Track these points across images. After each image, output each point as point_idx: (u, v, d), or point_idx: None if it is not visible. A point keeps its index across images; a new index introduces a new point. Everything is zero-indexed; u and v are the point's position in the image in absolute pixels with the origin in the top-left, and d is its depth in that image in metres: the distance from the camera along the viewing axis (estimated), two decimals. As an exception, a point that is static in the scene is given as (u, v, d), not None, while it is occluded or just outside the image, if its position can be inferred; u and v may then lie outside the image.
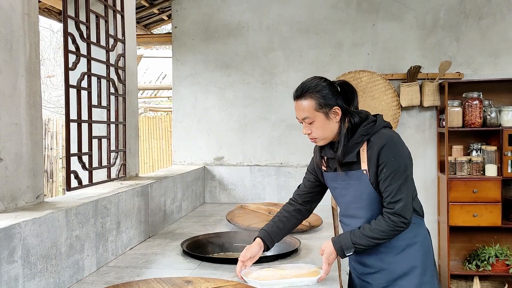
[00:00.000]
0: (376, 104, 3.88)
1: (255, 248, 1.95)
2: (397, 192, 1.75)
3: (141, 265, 2.10)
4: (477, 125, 3.65)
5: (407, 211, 1.75)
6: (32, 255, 1.56)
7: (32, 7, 1.85)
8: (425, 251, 1.87)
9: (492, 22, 3.83)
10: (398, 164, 1.76)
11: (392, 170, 1.75)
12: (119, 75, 2.59)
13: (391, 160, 1.76)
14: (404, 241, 1.84)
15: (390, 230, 1.75)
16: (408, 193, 1.77)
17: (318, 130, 1.84)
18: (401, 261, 1.84)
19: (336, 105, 1.81)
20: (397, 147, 1.78)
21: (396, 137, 1.82)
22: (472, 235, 3.84)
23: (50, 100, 11.92)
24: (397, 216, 1.75)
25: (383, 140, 1.78)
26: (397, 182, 1.75)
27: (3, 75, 1.67)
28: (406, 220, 1.75)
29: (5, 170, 1.67)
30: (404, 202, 1.75)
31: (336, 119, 1.83)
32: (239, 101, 4.07)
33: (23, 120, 1.77)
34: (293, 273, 1.89)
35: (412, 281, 1.82)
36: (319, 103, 1.80)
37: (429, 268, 1.87)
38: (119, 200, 2.24)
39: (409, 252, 1.84)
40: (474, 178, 3.65)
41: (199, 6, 4.11)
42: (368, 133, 1.81)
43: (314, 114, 1.82)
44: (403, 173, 1.76)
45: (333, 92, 1.82)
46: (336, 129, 1.84)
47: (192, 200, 3.60)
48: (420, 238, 1.87)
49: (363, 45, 3.96)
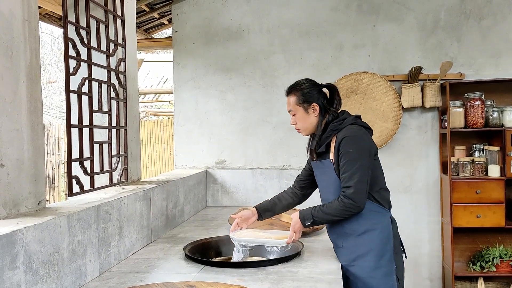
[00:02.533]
0: (377, 105, 3.87)
1: (247, 212, 2.35)
2: (350, 178, 2.02)
3: (144, 270, 2.10)
4: (479, 125, 3.64)
5: (357, 195, 2.01)
6: (34, 261, 1.55)
7: (32, 13, 1.85)
8: (384, 237, 2.10)
9: (493, 23, 3.82)
10: (353, 155, 2.04)
11: (347, 160, 2.04)
12: (120, 80, 2.59)
13: (348, 151, 2.05)
14: (364, 226, 2.10)
15: (341, 209, 2.04)
16: (359, 180, 2.02)
17: (299, 121, 2.22)
18: (360, 243, 2.10)
19: (315, 102, 2.18)
20: (354, 140, 2.07)
21: (357, 132, 2.10)
22: (476, 236, 3.82)
23: (52, 106, 11.95)
24: (347, 198, 2.02)
25: (344, 134, 2.09)
26: (350, 170, 2.03)
27: (4, 81, 1.67)
28: (355, 203, 2.02)
29: (6, 176, 1.66)
30: (354, 188, 2.01)
31: (315, 114, 2.19)
32: (240, 104, 4.07)
33: (24, 126, 1.77)
34: (267, 235, 2.26)
35: (368, 262, 2.07)
36: (300, 99, 2.20)
37: (388, 253, 2.09)
38: (121, 205, 2.24)
39: (368, 236, 2.09)
40: (477, 178, 3.63)
41: (199, 10, 4.11)
42: (337, 129, 2.13)
43: (296, 108, 2.22)
44: (356, 162, 2.03)
45: (314, 92, 2.20)
46: (315, 122, 2.20)
47: (194, 204, 3.60)
48: (380, 226, 2.11)
49: (364, 46, 3.95)
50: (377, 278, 2.05)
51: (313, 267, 2.09)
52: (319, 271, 2.03)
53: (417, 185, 3.94)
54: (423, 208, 3.94)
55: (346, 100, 3.89)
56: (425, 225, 3.93)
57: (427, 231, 3.93)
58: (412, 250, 3.93)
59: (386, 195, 2.18)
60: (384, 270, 2.06)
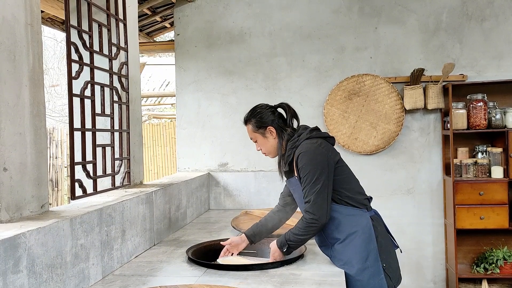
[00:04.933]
0: (379, 107, 3.87)
1: (237, 239, 2.34)
2: (308, 193, 2.04)
3: (147, 273, 2.10)
4: (482, 127, 3.63)
5: (316, 208, 2.01)
6: (37, 264, 1.55)
7: (35, 18, 1.86)
8: (366, 238, 2.07)
9: (495, 24, 3.82)
10: (308, 169, 2.05)
11: (304, 175, 2.06)
12: (122, 83, 2.60)
13: (303, 167, 2.07)
14: (344, 233, 2.09)
15: (305, 226, 2.05)
16: (317, 193, 2.02)
17: (262, 147, 2.27)
18: (344, 250, 2.09)
19: (269, 125, 2.22)
20: (307, 156, 2.07)
21: (311, 146, 2.09)
22: (480, 238, 3.81)
23: (55, 109, 11.99)
24: (307, 213, 2.03)
25: (299, 151, 2.10)
26: (308, 185, 2.04)
27: (7, 85, 1.67)
28: (315, 216, 2.01)
29: (9, 180, 1.67)
30: (312, 202, 2.02)
31: (273, 136, 2.23)
32: (242, 107, 4.07)
33: (27, 130, 1.78)
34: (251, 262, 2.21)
35: (355, 266, 2.05)
36: (255, 126, 2.24)
37: (372, 253, 2.06)
38: (123, 208, 2.24)
39: (350, 240, 2.08)
40: (480, 180, 3.62)
41: (201, 13, 4.13)
42: (294, 146, 2.15)
43: (254, 135, 2.27)
44: (312, 177, 2.03)
45: (267, 115, 2.23)
46: (275, 144, 2.24)
47: (197, 207, 3.60)
48: (359, 227, 2.08)
49: (366, 49, 3.95)
50: (365, 281, 2.04)
51: (316, 269, 2.09)
52: (322, 274, 2.02)
53: (420, 187, 3.93)
54: (426, 210, 3.93)
55: (349, 102, 3.89)
56: (429, 227, 3.92)
57: (431, 233, 3.92)
58: (416, 253, 3.92)
59: (359, 197, 2.14)
60: (371, 270, 2.03)
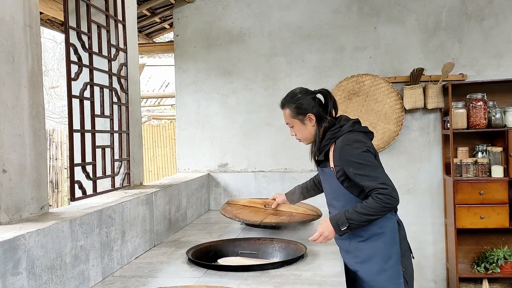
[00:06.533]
0: (379, 107, 3.86)
1: (282, 197, 2.76)
2: (373, 179, 1.98)
3: (147, 274, 2.10)
4: (482, 126, 3.63)
5: (391, 184, 1.98)
6: (37, 266, 1.55)
7: (33, 19, 1.86)
8: (390, 241, 2.09)
9: (494, 23, 3.82)
10: (359, 160, 2.02)
11: (358, 167, 2.01)
12: (122, 84, 2.60)
13: (351, 160, 2.03)
14: (370, 231, 2.09)
15: (379, 206, 1.96)
16: (382, 176, 1.99)
17: (298, 133, 2.25)
18: (366, 248, 2.10)
19: (310, 112, 2.18)
20: (352, 147, 2.05)
21: (353, 139, 2.08)
22: (480, 237, 3.80)
23: (55, 111, 11.98)
24: (383, 189, 1.97)
25: (341, 144, 2.08)
26: (368, 173, 2.00)
27: (6, 87, 1.67)
28: (392, 197, 1.95)
29: (9, 181, 1.66)
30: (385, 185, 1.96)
31: (312, 123, 2.19)
32: (242, 107, 4.07)
33: (27, 131, 1.78)
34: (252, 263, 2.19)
35: (374, 266, 2.07)
36: (294, 112, 2.21)
37: (394, 256, 2.07)
38: (123, 209, 2.24)
39: (374, 240, 2.09)
40: (481, 180, 3.62)
41: (200, 14, 4.12)
42: (334, 137, 2.13)
43: (292, 120, 2.23)
44: (367, 164, 2.01)
45: (307, 101, 2.18)
46: (313, 131, 2.21)
47: (197, 207, 3.59)
48: (386, 229, 2.09)
49: (365, 48, 3.95)
50: (381, 282, 2.06)
51: (317, 270, 2.08)
52: (323, 274, 2.02)
53: (420, 187, 3.93)
54: (426, 210, 3.92)
55: (348, 102, 3.89)
56: (429, 226, 3.92)
57: (431, 232, 3.92)
58: (416, 252, 3.89)
59: None
60: (390, 273, 2.06)
